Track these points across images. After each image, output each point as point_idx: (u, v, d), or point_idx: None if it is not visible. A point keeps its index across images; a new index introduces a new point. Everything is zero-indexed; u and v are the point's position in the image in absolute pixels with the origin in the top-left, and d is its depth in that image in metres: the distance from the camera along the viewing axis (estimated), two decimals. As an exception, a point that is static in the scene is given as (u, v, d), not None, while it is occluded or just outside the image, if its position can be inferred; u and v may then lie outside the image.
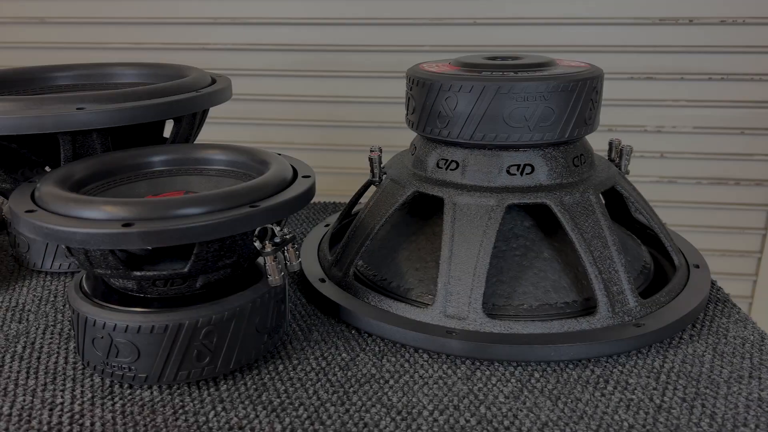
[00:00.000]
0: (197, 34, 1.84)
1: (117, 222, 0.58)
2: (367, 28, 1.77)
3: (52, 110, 0.77)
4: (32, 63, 1.94)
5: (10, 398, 0.66)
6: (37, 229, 0.59)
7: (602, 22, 1.71)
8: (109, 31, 1.86)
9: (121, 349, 0.65)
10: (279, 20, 1.77)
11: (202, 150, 0.78)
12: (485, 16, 1.74)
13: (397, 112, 1.91)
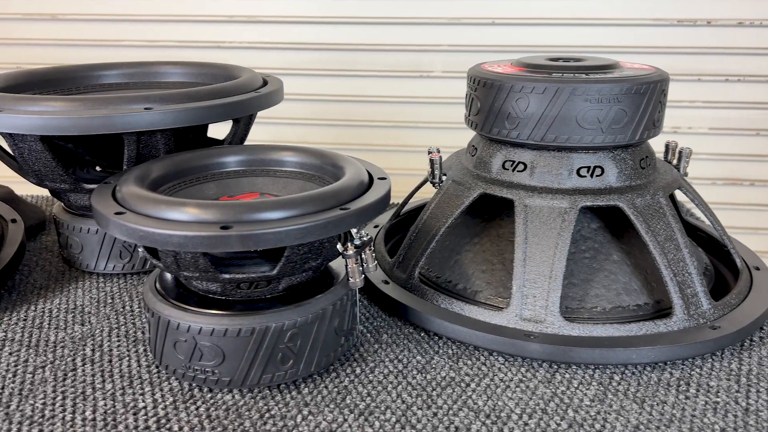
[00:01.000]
0: (213, 32, 1.82)
1: (215, 225, 0.57)
2: (384, 27, 1.77)
3: (120, 110, 0.76)
4: (43, 60, 1.93)
5: (91, 402, 0.65)
6: (131, 232, 0.58)
7: (620, 23, 1.71)
8: (122, 28, 1.84)
9: (205, 353, 0.64)
10: (295, 19, 1.76)
11: (273, 151, 0.77)
12: (504, 16, 1.74)
13: (414, 112, 1.91)
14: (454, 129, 1.92)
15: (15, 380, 0.69)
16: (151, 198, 0.61)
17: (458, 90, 1.88)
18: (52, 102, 0.77)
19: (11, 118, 0.75)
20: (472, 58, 1.79)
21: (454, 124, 1.90)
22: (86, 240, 0.91)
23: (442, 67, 1.87)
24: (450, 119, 1.87)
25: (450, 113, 1.85)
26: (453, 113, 1.87)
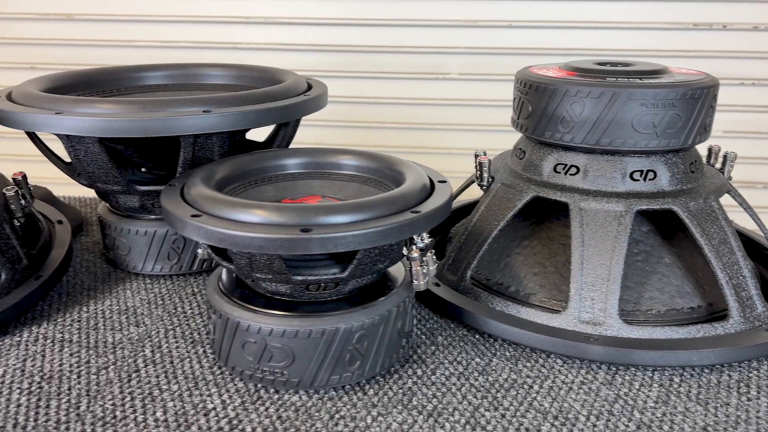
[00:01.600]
0: (229, 33, 1.82)
1: (295, 228, 0.58)
2: (400, 29, 1.77)
3: (180, 113, 0.76)
4: (59, 60, 1.93)
5: (160, 403, 0.66)
6: (209, 234, 0.59)
7: (637, 26, 1.72)
8: (138, 28, 1.84)
9: (274, 354, 0.65)
10: (311, 20, 1.77)
11: (331, 154, 0.78)
12: (521, 19, 1.75)
13: (430, 114, 1.91)
14: (470, 131, 1.93)
15: (80, 381, 0.69)
16: (229, 201, 0.61)
17: (474, 92, 1.90)
18: (111, 104, 0.77)
19: (72, 120, 0.75)
20: (489, 60, 1.80)
21: (470, 126, 1.91)
22: (134, 241, 0.91)
23: (459, 69, 1.88)
24: (466, 121, 1.88)
25: (466, 115, 1.86)
26: (469, 115, 1.88)
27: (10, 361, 0.72)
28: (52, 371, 0.71)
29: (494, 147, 1.02)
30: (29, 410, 0.64)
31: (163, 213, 0.65)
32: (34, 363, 0.72)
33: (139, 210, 0.89)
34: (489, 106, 1.88)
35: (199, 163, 0.83)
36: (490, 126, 1.86)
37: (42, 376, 0.70)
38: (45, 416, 0.64)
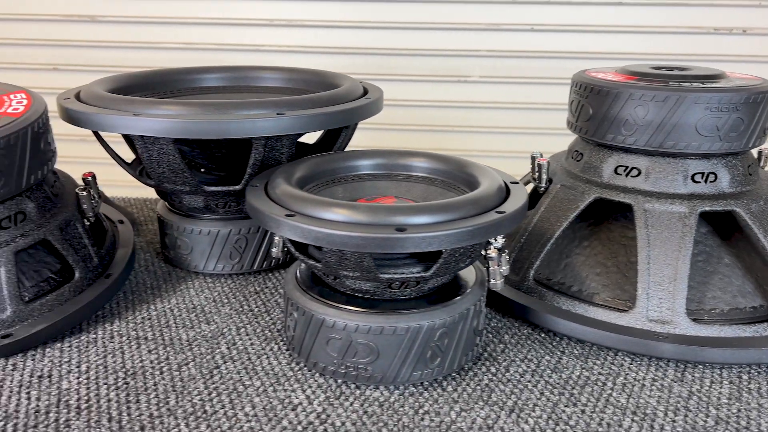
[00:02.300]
0: (252, 36, 1.84)
1: (390, 227, 0.59)
2: (423, 32, 1.79)
3: (254, 115, 0.78)
4: (82, 61, 1.94)
5: (246, 398, 0.67)
6: (306, 233, 0.60)
7: (657, 30, 1.74)
8: (161, 30, 1.85)
9: (359, 350, 0.67)
10: (333, 23, 1.78)
11: (402, 156, 0.79)
12: (544, 23, 1.77)
13: (452, 116, 1.93)
14: (491, 134, 1.94)
15: (164, 377, 0.71)
16: (323, 201, 0.63)
17: (496, 95, 1.91)
18: (187, 106, 0.79)
19: (149, 121, 0.77)
20: (511, 63, 1.82)
21: (491, 129, 1.93)
22: (196, 241, 0.92)
23: (480, 72, 1.89)
24: (487, 124, 1.89)
25: (487, 118, 1.87)
26: (490, 118, 1.89)
27: (91, 358, 0.74)
28: (134, 367, 0.72)
29: (515, 149, 1.04)
30: (120, 405, 0.66)
31: (252, 212, 0.67)
32: (115, 359, 0.74)
33: (203, 210, 0.91)
34: (510, 108, 1.90)
35: (267, 164, 0.84)
36: (511, 129, 1.88)
37: (125, 372, 0.72)
38: (137, 411, 0.65)
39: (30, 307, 0.76)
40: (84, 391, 0.68)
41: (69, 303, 0.79)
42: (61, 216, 0.80)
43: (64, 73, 1.96)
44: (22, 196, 0.77)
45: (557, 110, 1.88)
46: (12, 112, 0.76)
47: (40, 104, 0.79)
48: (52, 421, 0.63)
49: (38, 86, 0.81)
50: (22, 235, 0.76)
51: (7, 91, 0.81)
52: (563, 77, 1.82)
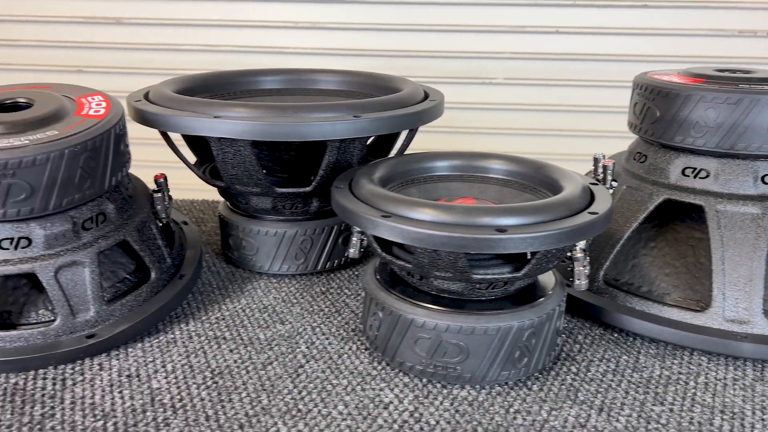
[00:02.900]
0: (275, 38, 1.84)
1: (490, 228, 0.60)
2: (446, 34, 1.79)
3: (331, 118, 0.79)
4: (107, 63, 1.95)
5: (337, 397, 0.68)
6: (405, 234, 0.61)
7: (682, 33, 1.75)
8: (185, 32, 1.86)
9: (449, 350, 0.67)
10: (357, 25, 1.79)
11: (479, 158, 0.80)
12: (568, 25, 1.78)
13: (475, 118, 1.94)
14: (514, 135, 1.95)
15: (251, 376, 0.72)
16: (420, 203, 0.64)
17: (519, 96, 1.92)
18: (265, 109, 0.79)
19: (229, 123, 0.78)
20: (535, 65, 1.83)
21: (514, 130, 1.93)
22: (262, 242, 0.93)
23: (504, 74, 1.90)
24: (511, 125, 1.90)
25: (511, 119, 1.88)
26: (514, 119, 1.90)
27: (174, 357, 0.75)
28: (219, 367, 0.73)
29: (540, 151, 1.04)
30: (214, 404, 0.67)
31: (342, 212, 0.68)
32: (199, 359, 0.75)
33: (270, 211, 0.92)
34: (534, 110, 1.91)
35: (338, 167, 0.85)
36: (536, 130, 1.88)
37: (212, 371, 0.72)
38: (232, 410, 0.66)
39: (111, 308, 0.77)
40: (175, 390, 0.69)
41: (147, 303, 0.80)
42: (138, 217, 0.81)
43: (89, 74, 1.97)
44: (103, 198, 0.78)
45: (583, 112, 1.89)
46: (94, 114, 0.77)
47: (119, 107, 0.80)
48: (150, 419, 0.64)
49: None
50: (103, 236, 0.77)
51: (83, 93, 0.82)
52: (587, 79, 1.84)
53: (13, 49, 1.88)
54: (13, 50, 1.88)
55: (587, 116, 1.90)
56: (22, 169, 0.68)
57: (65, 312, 0.73)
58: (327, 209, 0.94)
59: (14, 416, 0.64)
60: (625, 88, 1.79)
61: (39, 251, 0.73)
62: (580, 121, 1.89)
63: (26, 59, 1.92)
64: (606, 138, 1.83)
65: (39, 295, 0.77)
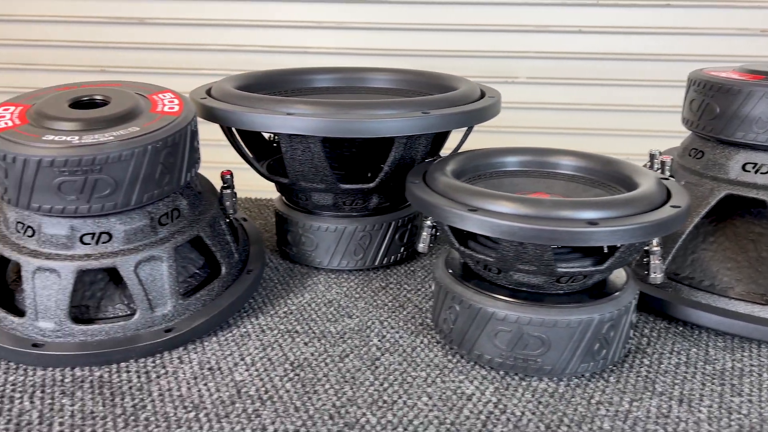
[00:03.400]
0: (298, 38, 1.85)
1: (580, 221, 0.61)
2: (469, 34, 1.80)
3: (402, 114, 0.80)
4: (129, 63, 1.96)
5: (419, 389, 0.69)
6: (495, 227, 0.62)
7: (704, 32, 1.76)
8: (208, 32, 1.87)
9: (530, 342, 0.68)
10: (380, 25, 1.80)
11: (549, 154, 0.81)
12: (592, 25, 1.79)
13: (498, 116, 1.94)
14: (537, 134, 1.96)
15: (331, 368, 0.73)
16: (506, 196, 0.65)
17: (542, 96, 1.93)
18: (335, 106, 0.81)
19: (302, 120, 0.79)
20: (558, 65, 1.83)
21: (538, 129, 1.94)
22: (322, 237, 0.94)
23: (527, 74, 1.91)
24: (534, 124, 1.91)
25: (534, 118, 1.89)
26: (537, 118, 1.91)
27: (251, 350, 0.76)
28: (297, 360, 0.74)
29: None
30: (300, 396, 0.68)
31: (424, 206, 0.69)
32: (276, 352, 0.76)
33: (330, 207, 0.93)
34: (557, 109, 1.91)
35: (402, 163, 0.86)
36: (558, 129, 1.89)
37: (291, 364, 0.73)
38: (319, 401, 0.67)
39: (186, 302, 0.78)
40: (259, 382, 0.70)
41: (220, 298, 0.81)
42: (209, 213, 0.82)
43: (111, 74, 1.98)
44: (177, 194, 0.79)
45: (605, 111, 1.90)
46: (169, 111, 0.77)
47: (190, 104, 0.81)
48: (240, 411, 0.65)
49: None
50: (178, 232, 0.78)
51: (154, 90, 0.83)
52: (610, 78, 1.85)
53: (37, 49, 1.89)
54: (37, 50, 1.89)
55: (610, 115, 1.91)
56: (108, 164, 0.69)
57: (144, 306, 0.74)
58: (385, 205, 0.95)
59: (106, 408, 0.65)
60: (646, 87, 1.80)
61: (119, 246, 0.74)
62: (603, 119, 1.90)
63: (50, 59, 1.93)
64: (629, 137, 1.85)
65: (115, 289, 0.78)
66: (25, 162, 0.67)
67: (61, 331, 0.72)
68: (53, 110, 0.73)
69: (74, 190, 0.69)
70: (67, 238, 0.72)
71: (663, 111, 1.77)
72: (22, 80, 1.90)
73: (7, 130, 0.70)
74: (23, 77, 1.90)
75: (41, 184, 0.68)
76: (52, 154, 0.67)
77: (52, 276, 0.72)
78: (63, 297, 0.72)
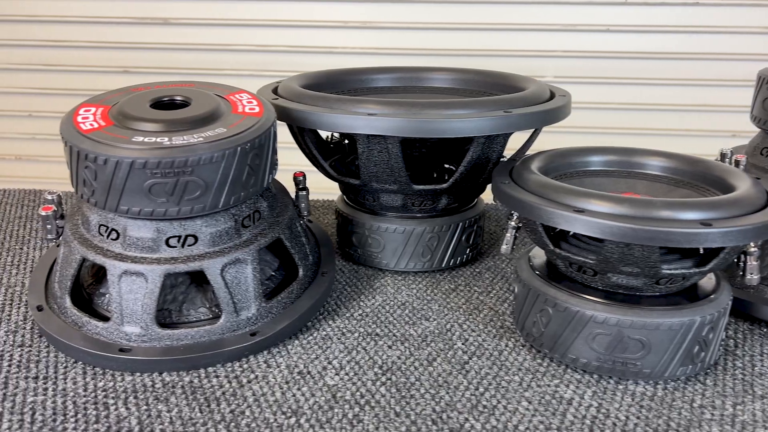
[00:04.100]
0: (324, 38, 1.84)
1: (693, 222, 0.60)
2: (498, 33, 1.79)
3: (485, 114, 0.79)
4: (153, 64, 1.94)
5: (516, 393, 0.68)
6: (604, 228, 0.61)
7: (736, 31, 1.75)
8: (235, 32, 1.85)
9: (630, 345, 0.67)
10: (407, 25, 1.79)
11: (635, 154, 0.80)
12: (620, 23, 1.78)
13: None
14: (564, 133, 1.94)
15: (422, 372, 0.71)
16: (614, 197, 0.64)
17: (571, 95, 1.92)
18: (416, 106, 0.79)
19: (385, 121, 0.78)
20: (586, 64, 1.82)
21: (564, 128, 1.92)
22: (389, 239, 0.93)
23: (555, 73, 1.90)
24: (561, 123, 1.89)
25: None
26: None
27: (336, 354, 0.75)
28: (386, 363, 0.73)
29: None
30: (397, 401, 0.67)
31: (522, 208, 0.68)
32: (361, 355, 0.74)
33: (399, 208, 0.92)
34: (585, 108, 1.90)
35: (478, 163, 0.85)
36: (585, 128, 1.88)
37: (380, 367, 0.72)
38: (417, 406, 0.66)
39: (269, 305, 0.76)
40: (352, 386, 0.69)
41: (299, 300, 0.80)
42: (286, 215, 0.81)
43: (135, 75, 1.97)
44: (257, 196, 0.78)
45: (633, 110, 1.89)
46: (250, 112, 0.76)
47: (268, 104, 0.79)
48: (340, 416, 0.64)
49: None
50: (261, 234, 0.77)
51: (229, 90, 0.82)
52: (640, 77, 1.83)
53: (60, 50, 1.88)
54: (60, 51, 1.88)
55: (637, 114, 1.90)
56: (199, 166, 0.67)
57: (230, 309, 0.73)
58: (453, 206, 0.94)
59: (204, 414, 0.64)
60: (672, 86, 1.79)
61: (204, 249, 0.73)
62: (631, 118, 1.89)
63: (74, 60, 1.91)
64: (657, 136, 1.84)
65: (197, 292, 0.76)
66: (117, 164, 0.66)
67: (147, 336, 0.71)
68: (137, 111, 0.72)
69: (164, 193, 0.68)
70: (153, 241, 0.71)
71: (693, 110, 1.77)
72: (46, 81, 1.89)
73: (95, 131, 0.69)
74: (47, 78, 1.90)
75: (132, 186, 0.67)
76: (145, 156, 0.66)
77: (138, 280, 0.71)
78: (150, 301, 0.71)
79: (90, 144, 0.67)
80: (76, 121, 0.71)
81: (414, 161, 0.95)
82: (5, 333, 0.77)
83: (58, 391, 0.67)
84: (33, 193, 1.23)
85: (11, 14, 1.85)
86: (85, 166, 0.68)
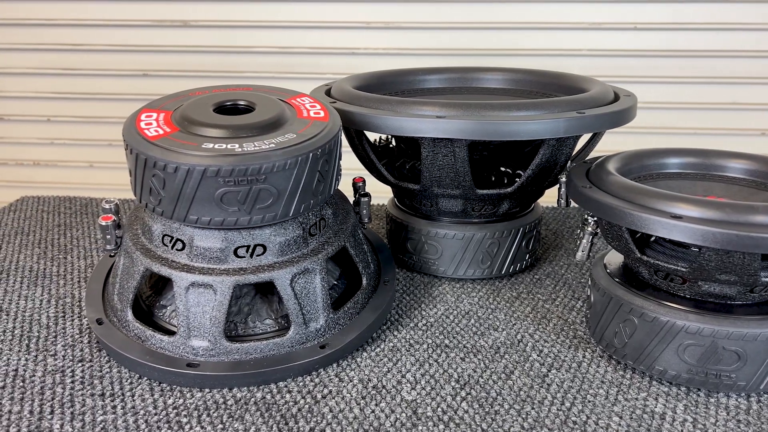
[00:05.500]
0: (347, 39, 1.81)
1: None
2: (522, 32, 1.77)
3: (558, 115, 0.76)
4: (172, 66, 1.92)
5: (605, 408, 0.66)
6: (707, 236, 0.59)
7: (750, 27, 1.73)
8: (256, 34, 1.83)
9: (724, 357, 0.64)
10: (430, 25, 1.76)
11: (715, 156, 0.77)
12: (647, 21, 1.75)
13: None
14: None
15: (501, 386, 0.69)
16: (712, 202, 0.61)
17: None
18: (486, 108, 0.76)
19: (454, 123, 0.75)
20: (611, 62, 1.80)
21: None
22: (447, 245, 0.90)
23: (580, 71, 1.86)
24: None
25: None
26: None
27: (408, 366, 0.72)
28: (462, 377, 0.70)
29: (609, 149, 0.98)
30: (481, 417, 0.64)
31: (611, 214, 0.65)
32: (435, 368, 0.72)
33: (459, 214, 0.89)
34: None
35: (546, 166, 0.82)
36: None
37: (457, 381, 0.69)
38: (507, 424, 0.63)
39: (336, 316, 0.74)
40: (432, 402, 0.66)
41: (364, 310, 0.77)
42: (349, 222, 0.78)
43: (154, 78, 1.95)
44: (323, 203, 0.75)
45: (661, 109, 1.86)
46: (316, 116, 0.74)
47: (332, 108, 0.77)
48: (426, 434, 0.61)
49: (127, 92, 0.77)
50: (327, 242, 0.74)
51: (290, 94, 0.79)
52: (667, 76, 1.81)
53: (80, 53, 1.86)
54: (80, 54, 1.86)
55: (665, 113, 1.88)
56: (273, 174, 0.64)
57: (299, 321, 0.70)
58: (513, 211, 0.91)
59: (284, 432, 0.61)
60: (701, 84, 1.77)
61: (273, 259, 0.70)
62: (658, 117, 1.87)
63: (94, 64, 1.89)
64: (681, 135, 1.81)
65: (262, 303, 0.74)
66: (188, 172, 0.63)
67: (215, 350, 0.68)
68: (203, 116, 0.69)
69: (236, 201, 0.65)
70: (221, 252, 0.68)
71: (720, 109, 1.75)
72: (64, 85, 1.87)
73: (162, 137, 0.66)
74: (65, 82, 1.88)
75: (202, 195, 0.64)
76: (217, 164, 0.63)
77: (206, 292, 0.68)
78: (219, 314, 0.68)
79: (158, 151, 0.65)
80: (140, 128, 0.68)
81: (473, 165, 0.92)
82: (63, 347, 0.74)
83: (127, 409, 0.64)
84: (68, 200, 1.21)
85: (28, 18, 1.83)
86: (153, 174, 0.65)
